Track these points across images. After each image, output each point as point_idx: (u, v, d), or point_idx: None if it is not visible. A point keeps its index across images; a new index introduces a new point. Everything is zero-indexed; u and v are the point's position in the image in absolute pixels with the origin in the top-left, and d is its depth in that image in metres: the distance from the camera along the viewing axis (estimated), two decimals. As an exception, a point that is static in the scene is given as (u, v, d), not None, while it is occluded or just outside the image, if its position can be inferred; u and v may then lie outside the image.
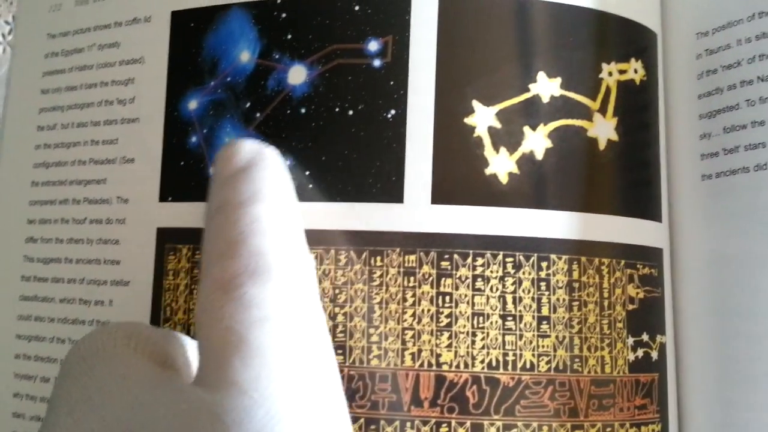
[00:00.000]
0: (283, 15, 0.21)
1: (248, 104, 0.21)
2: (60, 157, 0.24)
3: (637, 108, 0.22)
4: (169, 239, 0.22)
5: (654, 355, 0.21)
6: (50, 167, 0.24)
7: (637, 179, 0.22)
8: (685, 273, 0.23)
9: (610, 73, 0.21)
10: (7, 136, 0.25)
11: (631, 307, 0.21)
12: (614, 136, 0.21)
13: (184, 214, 0.21)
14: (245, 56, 0.21)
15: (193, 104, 0.22)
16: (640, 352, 0.21)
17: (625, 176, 0.21)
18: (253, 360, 0.13)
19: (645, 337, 0.21)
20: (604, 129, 0.21)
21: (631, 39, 0.22)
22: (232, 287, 0.15)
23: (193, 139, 0.22)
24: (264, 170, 0.17)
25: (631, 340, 0.21)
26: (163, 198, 0.22)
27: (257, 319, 0.14)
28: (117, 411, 0.13)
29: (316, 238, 0.20)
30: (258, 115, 0.21)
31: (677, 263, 0.23)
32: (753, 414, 0.21)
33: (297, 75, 0.21)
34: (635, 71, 0.22)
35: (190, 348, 0.17)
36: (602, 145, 0.21)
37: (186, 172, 0.22)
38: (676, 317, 0.23)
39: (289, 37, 0.21)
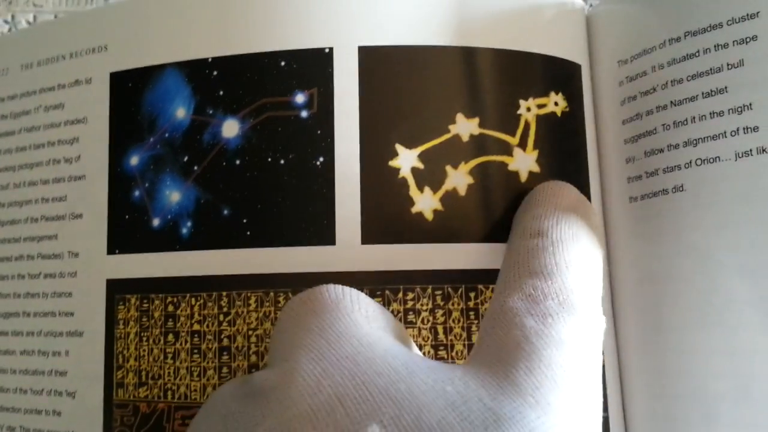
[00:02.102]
0: (215, 72, 0.22)
1: (186, 158, 0.22)
2: (14, 215, 0.25)
3: (560, 138, 0.23)
4: (118, 290, 0.23)
5: (585, 374, 0.22)
6: (5, 225, 0.25)
7: (562, 206, 0.23)
8: (621, 291, 0.24)
9: (529, 109, 0.23)
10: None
11: (559, 330, 0.22)
12: (536, 168, 0.22)
13: (132, 265, 0.23)
14: (181, 113, 0.23)
15: (134, 160, 0.23)
16: (570, 373, 0.22)
17: (549, 205, 0.22)
18: (539, 371, 0.14)
19: (575, 357, 0.22)
20: (524, 162, 0.22)
21: (550, 74, 0.23)
22: (539, 309, 0.16)
23: (137, 193, 0.23)
24: (584, 217, 0.20)
25: (561, 362, 0.22)
26: (110, 251, 0.23)
27: (554, 342, 0.15)
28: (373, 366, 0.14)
29: (255, 282, 0.21)
30: (196, 167, 0.22)
31: (614, 282, 0.24)
32: (689, 429, 0.21)
33: (230, 129, 0.22)
34: (555, 104, 0.23)
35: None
36: (524, 178, 0.22)
37: (131, 224, 0.23)
38: (617, 334, 0.24)
39: (221, 93, 0.22)
